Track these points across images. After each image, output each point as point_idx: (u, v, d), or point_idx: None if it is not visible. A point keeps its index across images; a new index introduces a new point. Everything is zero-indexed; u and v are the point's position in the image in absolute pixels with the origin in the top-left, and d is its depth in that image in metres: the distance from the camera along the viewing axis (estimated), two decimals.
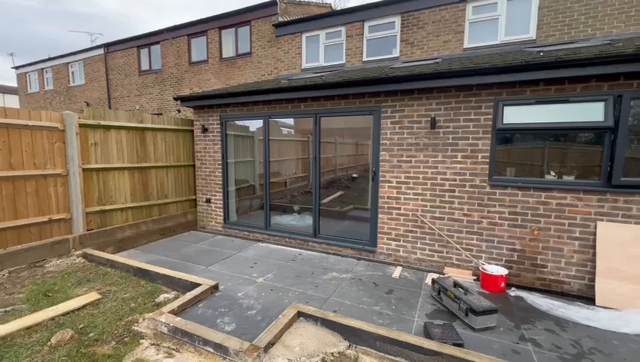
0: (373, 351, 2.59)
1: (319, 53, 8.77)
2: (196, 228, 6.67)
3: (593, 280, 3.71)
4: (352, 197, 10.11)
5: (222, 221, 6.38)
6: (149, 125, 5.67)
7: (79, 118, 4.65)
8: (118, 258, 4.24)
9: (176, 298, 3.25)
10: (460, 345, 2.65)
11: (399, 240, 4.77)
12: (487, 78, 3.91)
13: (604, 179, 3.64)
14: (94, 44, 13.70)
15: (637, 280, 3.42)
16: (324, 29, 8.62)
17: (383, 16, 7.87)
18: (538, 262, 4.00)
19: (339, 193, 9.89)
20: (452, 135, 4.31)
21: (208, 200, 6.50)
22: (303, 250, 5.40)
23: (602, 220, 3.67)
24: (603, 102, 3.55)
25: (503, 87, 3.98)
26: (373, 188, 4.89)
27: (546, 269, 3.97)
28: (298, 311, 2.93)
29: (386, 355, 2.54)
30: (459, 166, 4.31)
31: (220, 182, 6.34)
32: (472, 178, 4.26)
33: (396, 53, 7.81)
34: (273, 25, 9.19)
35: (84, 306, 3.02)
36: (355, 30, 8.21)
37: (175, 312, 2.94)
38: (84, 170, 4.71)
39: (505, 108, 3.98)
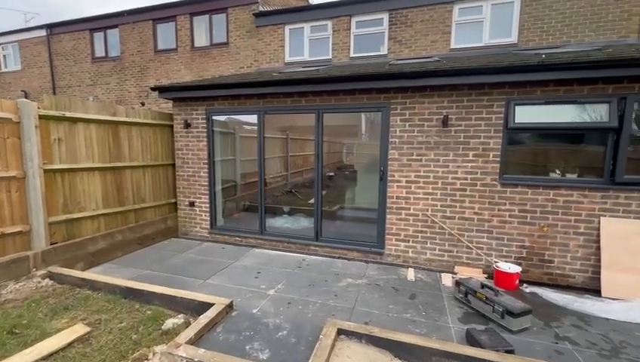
0: None
1: (304, 47, 8.40)
2: (177, 235, 5.97)
3: (596, 272, 3.91)
4: (335, 197, 9.91)
5: (208, 226, 5.78)
6: (123, 118, 4.89)
7: (39, 107, 3.81)
8: (97, 276, 3.55)
9: (186, 323, 2.74)
10: (511, 351, 2.56)
11: (408, 241, 4.66)
12: (502, 76, 3.91)
13: (607, 177, 3.84)
14: (30, 25, 11.79)
15: (638, 272, 3.65)
16: (309, 21, 8.26)
17: (371, 12, 7.74)
18: (546, 257, 4.13)
19: (323, 192, 9.64)
20: (463, 133, 4.28)
21: (192, 204, 5.84)
22: (305, 255, 5.05)
23: (605, 216, 3.87)
24: (608, 104, 3.73)
25: (515, 86, 4.01)
26: (381, 188, 4.71)
27: (553, 264, 4.11)
28: (338, 329, 2.62)
29: None
30: (470, 164, 4.29)
31: (206, 183, 5.72)
32: (483, 176, 4.26)
33: (384, 51, 7.74)
34: (253, 14, 8.61)
35: (70, 344, 2.40)
36: (341, 25, 7.97)
37: (193, 342, 2.46)
38: (45, 171, 3.88)
39: (516, 107, 4.02)
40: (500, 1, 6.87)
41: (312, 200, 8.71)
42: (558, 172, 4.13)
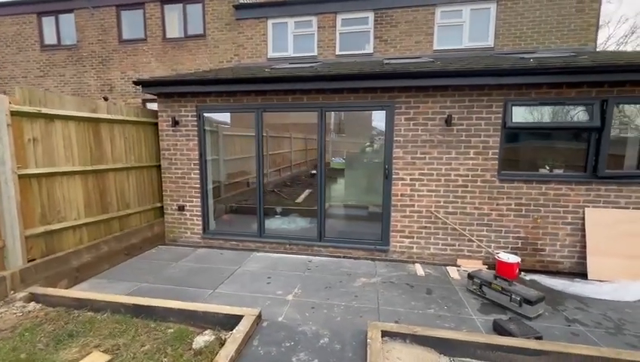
0: (473, 360, 2.46)
1: (288, 43, 8.18)
2: (164, 242, 5.51)
3: (581, 258, 4.33)
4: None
5: (200, 231, 5.41)
6: (105, 115, 4.37)
7: (10, 102, 3.24)
8: (96, 295, 3.13)
9: (218, 339, 2.53)
10: (540, 338, 2.73)
11: (413, 237, 4.77)
12: (503, 78, 4.13)
13: (590, 172, 4.25)
14: None
15: (618, 256, 4.10)
16: (293, 16, 8.06)
17: (356, 10, 7.76)
18: (538, 246, 4.48)
19: (308, 191, 9.56)
20: (465, 132, 4.46)
21: (181, 208, 5.42)
22: (309, 256, 4.95)
23: (589, 206, 4.30)
24: (592, 106, 4.13)
25: (513, 88, 4.27)
26: (386, 186, 4.76)
27: (544, 252, 4.48)
28: (381, 331, 2.59)
29: None
30: (471, 162, 4.50)
31: (197, 186, 5.34)
32: (483, 173, 4.49)
33: (370, 50, 7.81)
34: (233, 6, 8.18)
35: None
36: (327, 22, 7.89)
37: (234, 360, 2.28)
38: (20, 176, 3.32)
39: (513, 108, 4.29)
40: (478, 7, 7.27)
41: (299, 200, 8.62)
42: (547, 168, 4.50)
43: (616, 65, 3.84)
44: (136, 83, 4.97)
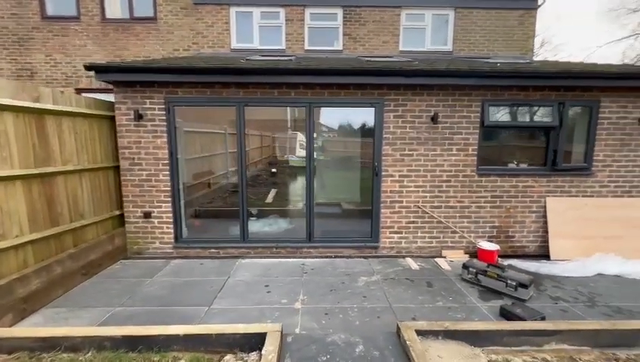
0: (500, 347, 2.57)
1: (253, 34, 7.71)
2: (127, 256, 4.73)
3: (543, 242, 4.92)
4: (287, 194, 9.63)
5: (172, 240, 4.77)
6: (51, 106, 3.53)
7: None
8: (69, 330, 2.48)
9: None
10: (544, 318, 2.99)
11: (401, 233, 4.88)
12: (484, 80, 4.44)
13: (549, 166, 4.84)
14: None
15: (572, 237, 4.74)
16: (259, 6, 7.60)
17: (325, 5, 7.65)
18: (509, 234, 4.96)
19: (274, 190, 9.22)
20: (449, 130, 4.70)
21: (147, 215, 4.70)
22: (300, 259, 4.73)
23: (549, 196, 4.89)
24: (551, 107, 4.68)
25: (489, 89, 4.61)
26: (376, 184, 4.77)
27: (514, 239, 4.97)
28: (415, 330, 2.56)
29: (513, 348, 2.58)
30: (454, 158, 4.76)
31: (167, 189, 4.69)
32: (464, 168, 4.79)
33: (339, 47, 7.79)
34: None
35: None
36: (295, 15, 7.63)
37: None
38: None
39: (489, 107, 4.65)
40: (439, 12, 7.75)
41: (268, 200, 8.23)
42: (515, 162, 4.99)
43: (571, 71, 4.42)
44: (87, 68, 4.12)
